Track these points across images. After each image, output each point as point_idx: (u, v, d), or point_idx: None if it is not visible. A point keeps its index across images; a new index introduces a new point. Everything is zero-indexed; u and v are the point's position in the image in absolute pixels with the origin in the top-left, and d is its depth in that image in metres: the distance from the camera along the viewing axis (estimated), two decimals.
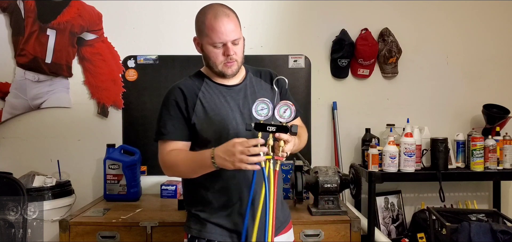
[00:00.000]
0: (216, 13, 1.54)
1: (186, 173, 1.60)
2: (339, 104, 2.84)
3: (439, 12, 2.88)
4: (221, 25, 1.52)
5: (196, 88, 1.62)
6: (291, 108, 1.46)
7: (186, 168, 1.57)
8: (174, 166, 1.58)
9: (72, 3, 2.74)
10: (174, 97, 1.61)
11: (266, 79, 1.73)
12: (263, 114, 1.45)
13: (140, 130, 2.75)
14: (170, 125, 1.60)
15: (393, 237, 2.71)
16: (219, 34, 1.53)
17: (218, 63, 1.58)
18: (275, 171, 1.46)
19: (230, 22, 1.54)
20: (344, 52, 2.76)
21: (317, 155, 2.82)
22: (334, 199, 2.21)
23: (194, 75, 1.69)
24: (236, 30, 1.56)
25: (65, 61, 2.75)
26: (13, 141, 2.78)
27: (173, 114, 1.60)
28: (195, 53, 1.69)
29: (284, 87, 1.73)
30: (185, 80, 1.66)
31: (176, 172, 1.61)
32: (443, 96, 2.89)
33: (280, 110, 1.46)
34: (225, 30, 1.53)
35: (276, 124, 1.45)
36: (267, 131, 1.44)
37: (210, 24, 1.53)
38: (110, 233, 2.11)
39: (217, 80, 1.65)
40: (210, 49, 1.57)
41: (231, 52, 1.55)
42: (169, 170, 1.61)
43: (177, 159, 1.57)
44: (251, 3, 2.81)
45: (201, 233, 1.60)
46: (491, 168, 2.52)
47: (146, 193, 2.75)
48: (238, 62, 1.60)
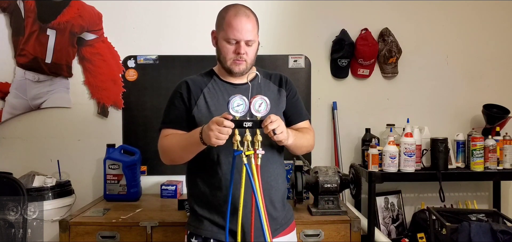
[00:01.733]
0: (237, 11, 1.60)
1: (178, 152, 1.62)
2: (339, 104, 2.84)
3: (439, 12, 2.88)
4: (239, 23, 1.58)
5: (203, 84, 1.68)
6: (266, 101, 1.46)
7: (179, 146, 1.61)
8: (169, 148, 1.64)
9: (72, 3, 2.74)
10: (179, 89, 1.68)
11: (275, 82, 1.75)
12: (239, 110, 1.46)
13: (140, 130, 2.75)
14: (172, 115, 1.67)
15: (393, 237, 2.71)
16: (235, 31, 1.58)
17: (228, 59, 1.62)
18: (257, 166, 1.46)
19: (248, 22, 1.59)
20: (344, 52, 2.76)
21: (317, 155, 2.81)
22: (334, 199, 2.21)
23: (205, 72, 1.75)
24: (252, 32, 1.60)
25: (65, 61, 2.75)
26: (13, 141, 2.78)
27: (177, 105, 1.67)
28: (195, 53, 1.70)
29: (292, 89, 1.76)
30: (194, 76, 1.73)
31: (171, 153, 1.64)
32: (443, 96, 2.89)
33: (255, 104, 1.46)
34: (241, 29, 1.58)
35: (252, 119, 1.46)
36: (243, 127, 1.45)
37: (229, 20, 1.59)
38: (110, 233, 2.11)
39: (225, 78, 1.69)
40: (224, 44, 1.61)
41: (242, 51, 1.60)
42: (164, 154, 1.66)
43: (171, 141, 1.63)
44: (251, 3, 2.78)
45: (198, 230, 1.63)
46: (491, 168, 2.52)
47: (146, 193, 2.75)
48: (247, 62, 1.63)
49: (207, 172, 1.62)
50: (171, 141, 1.64)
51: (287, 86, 1.75)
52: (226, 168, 1.58)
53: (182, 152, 1.62)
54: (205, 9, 2.69)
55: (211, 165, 1.61)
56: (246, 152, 1.45)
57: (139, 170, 2.65)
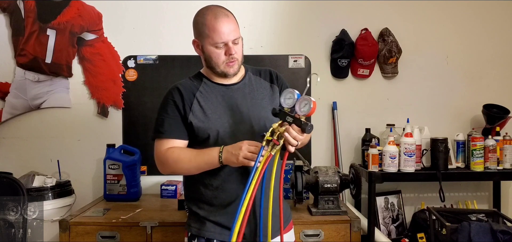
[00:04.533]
0: (215, 14, 1.56)
1: (189, 169, 1.61)
2: (339, 104, 2.84)
3: (439, 12, 2.88)
4: (222, 25, 1.55)
5: (194, 88, 1.65)
6: (310, 103, 1.46)
7: (191, 164, 1.58)
8: (177, 162, 1.59)
9: (72, 3, 2.74)
10: (171, 96, 1.63)
11: (266, 78, 1.75)
12: (288, 103, 1.49)
13: (140, 130, 2.75)
14: (167, 124, 1.62)
15: (393, 237, 2.71)
16: (220, 34, 1.55)
17: (220, 63, 1.60)
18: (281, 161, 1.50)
19: (230, 22, 1.57)
20: (344, 52, 2.76)
21: (317, 155, 2.82)
22: (334, 199, 2.21)
23: (194, 76, 1.71)
24: (236, 30, 1.59)
25: (65, 61, 2.75)
26: (13, 141, 2.79)
27: (171, 113, 1.62)
28: (195, 53, 1.70)
29: (283, 83, 1.75)
30: (184, 81, 1.69)
31: (177, 168, 1.61)
32: (443, 96, 2.89)
33: (301, 104, 1.47)
34: (226, 30, 1.55)
35: (295, 116, 1.47)
36: (285, 120, 1.47)
37: (211, 25, 1.55)
38: (110, 233, 2.11)
39: (216, 79, 1.67)
40: (212, 49, 1.58)
41: (233, 52, 1.58)
42: (166, 167, 1.63)
43: (181, 156, 1.59)
44: (251, 3, 2.81)
45: (200, 232, 1.62)
46: (491, 168, 2.52)
47: (146, 193, 2.75)
48: (238, 61, 1.62)
49: (208, 172, 1.60)
50: (180, 157, 1.59)
51: (278, 81, 1.74)
52: (228, 168, 1.57)
53: (193, 169, 1.60)
54: None
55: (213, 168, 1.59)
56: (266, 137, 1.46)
57: (139, 170, 2.65)
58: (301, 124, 1.45)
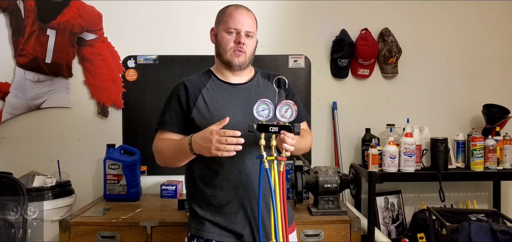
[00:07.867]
0: (237, 6, 1.66)
1: (170, 158, 1.65)
2: (339, 104, 2.84)
3: (439, 12, 2.88)
4: (240, 14, 1.63)
5: (201, 84, 1.67)
6: (293, 107, 1.47)
7: (169, 153, 1.63)
8: (160, 152, 1.65)
9: (72, 3, 2.74)
10: (177, 91, 1.67)
11: (274, 82, 1.75)
12: (264, 114, 1.48)
13: (140, 130, 2.75)
14: (167, 117, 1.66)
15: (393, 237, 2.71)
16: (235, 21, 1.62)
17: (228, 50, 1.63)
18: (279, 172, 1.49)
19: (249, 16, 1.65)
20: (344, 52, 2.76)
21: (317, 155, 2.82)
22: (334, 199, 2.21)
23: (203, 72, 1.74)
24: (252, 25, 1.65)
25: (65, 61, 2.75)
26: (13, 141, 2.78)
27: (173, 106, 1.66)
28: (195, 53, 1.71)
29: (291, 90, 1.76)
30: (193, 76, 1.72)
31: (163, 158, 1.66)
32: (443, 96, 2.89)
33: (282, 110, 1.48)
34: (242, 20, 1.62)
35: (279, 124, 1.46)
36: (270, 131, 1.45)
37: (230, 12, 1.64)
38: (110, 233, 2.11)
39: (224, 78, 1.69)
40: (223, 34, 1.64)
41: (242, 40, 1.61)
42: (157, 156, 1.69)
43: (163, 146, 1.64)
44: (251, 3, 2.78)
45: (199, 232, 1.62)
46: (491, 168, 2.52)
47: (146, 193, 2.75)
48: (246, 55, 1.64)
49: (208, 172, 1.62)
50: (163, 146, 1.64)
51: (286, 87, 1.75)
52: (228, 169, 1.58)
53: (174, 159, 1.63)
54: (205, 9, 2.69)
55: (212, 165, 1.61)
56: (267, 158, 1.46)
57: (139, 170, 2.65)
58: (293, 129, 1.47)
